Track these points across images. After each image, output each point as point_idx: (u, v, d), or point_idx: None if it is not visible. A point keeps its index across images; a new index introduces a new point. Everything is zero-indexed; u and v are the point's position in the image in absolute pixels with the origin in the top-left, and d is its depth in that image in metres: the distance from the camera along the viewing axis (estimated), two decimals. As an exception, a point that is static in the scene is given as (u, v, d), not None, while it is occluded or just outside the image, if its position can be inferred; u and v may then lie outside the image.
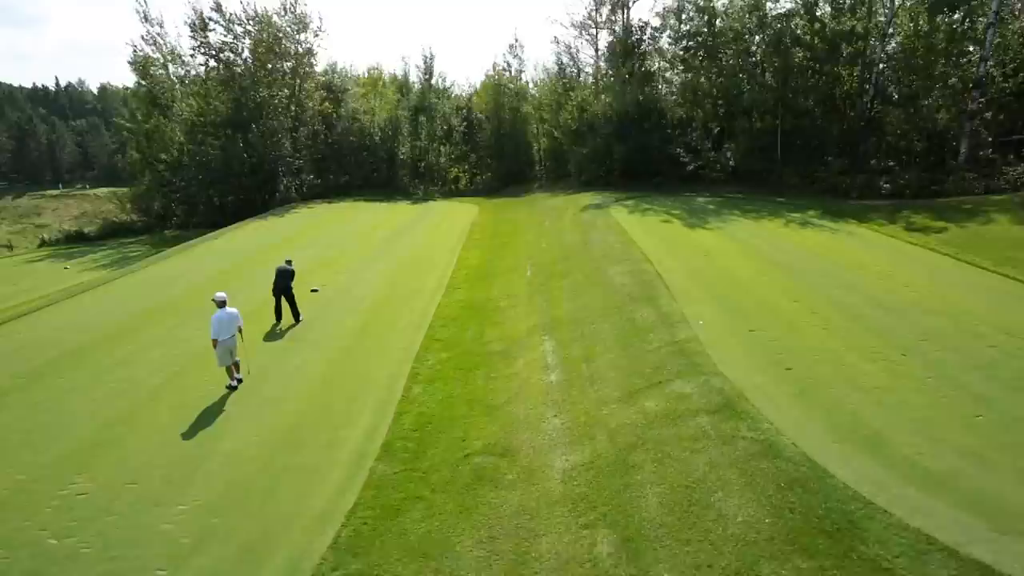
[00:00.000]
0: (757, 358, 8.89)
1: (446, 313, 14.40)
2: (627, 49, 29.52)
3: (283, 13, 37.14)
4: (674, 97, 29.67)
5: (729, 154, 26.82)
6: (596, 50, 35.54)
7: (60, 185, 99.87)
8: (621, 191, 26.73)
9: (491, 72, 41.50)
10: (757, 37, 26.06)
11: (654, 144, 27.60)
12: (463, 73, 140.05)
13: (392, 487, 7.74)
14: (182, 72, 38.40)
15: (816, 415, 7.36)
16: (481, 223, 26.27)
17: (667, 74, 30.86)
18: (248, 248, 22.43)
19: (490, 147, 39.12)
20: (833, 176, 24.71)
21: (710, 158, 27.25)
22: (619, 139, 27.59)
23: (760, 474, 6.16)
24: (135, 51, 36.62)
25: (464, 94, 42.81)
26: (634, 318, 10.76)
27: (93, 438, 9.06)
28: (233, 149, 34.27)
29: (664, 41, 30.36)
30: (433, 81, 39.90)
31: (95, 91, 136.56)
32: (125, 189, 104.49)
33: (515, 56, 39.34)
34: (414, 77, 40.11)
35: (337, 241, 23.22)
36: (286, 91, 37.65)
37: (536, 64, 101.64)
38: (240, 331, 10.54)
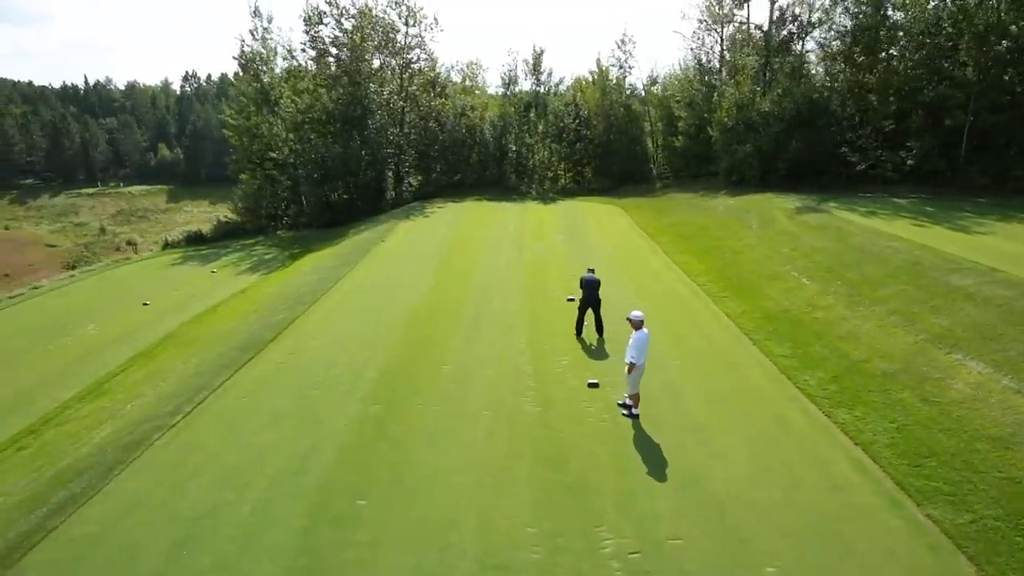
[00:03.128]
0: None
1: (750, 325, 13.22)
2: (779, 44, 28.31)
3: (395, 5, 36.01)
4: (828, 94, 28.24)
5: (904, 153, 25.45)
6: (722, 44, 34.30)
7: (99, 183, 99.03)
8: (787, 192, 25.33)
9: (594, 69, 40.34)
10: (948, 28, 24.28)
11: (823, 143, 26.31)
12: (567, 67, 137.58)
13: (997, 540, 6.61)
14: (284, 65, 37.35)
15: None
16: (646, 224, 25.01)
17: (824, 69, 29.46)
18: (427, 251, 21.23)
19: (600, 145, 37.87)
20: (1030, 176, 23.33)
21: (879, 157, 25.94)
22: (790, 137, 26.30)
23: None
24: (243, 46, 35.61)
25: (567, 89, 41.56)
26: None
27: (554, 479, 7.89)
28: (351, 146, 33.05)
29: (819, 34, 28.99)
30: (542, 78, 38.73)
31: (122, 88, 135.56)
32: (161, 187, 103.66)
33: (625, 52, 38.07)
34: (521, 72, 38.85)
35: (517, 243, 22.02)
36: (394, 86, 36.48)
37: (653, 60, 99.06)
38: None
